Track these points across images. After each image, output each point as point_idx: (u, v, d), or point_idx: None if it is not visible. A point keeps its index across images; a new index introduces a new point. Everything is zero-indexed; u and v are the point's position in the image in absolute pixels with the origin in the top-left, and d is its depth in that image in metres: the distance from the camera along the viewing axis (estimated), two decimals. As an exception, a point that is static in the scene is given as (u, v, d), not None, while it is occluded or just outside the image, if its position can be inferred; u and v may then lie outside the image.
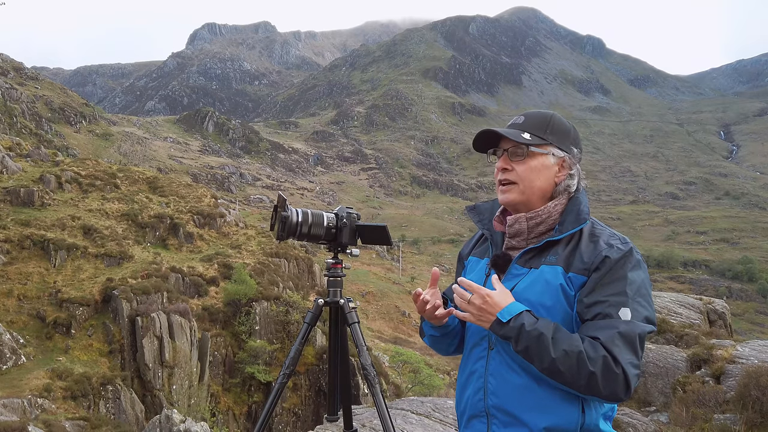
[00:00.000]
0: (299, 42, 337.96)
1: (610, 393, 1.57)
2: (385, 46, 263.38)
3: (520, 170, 1.82)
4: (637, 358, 1.59)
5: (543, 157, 1.83)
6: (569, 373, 1.58)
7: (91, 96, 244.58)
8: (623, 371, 1.56)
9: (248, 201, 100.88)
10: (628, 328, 1.60)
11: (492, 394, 1.77)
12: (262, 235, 34.00)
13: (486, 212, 2.01)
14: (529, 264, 1.79)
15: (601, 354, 1.56)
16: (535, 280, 1.75)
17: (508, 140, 1.85)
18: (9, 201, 28.13)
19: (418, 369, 29.46)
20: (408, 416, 5.89)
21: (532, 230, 1.83)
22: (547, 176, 1.83)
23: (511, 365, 1.73)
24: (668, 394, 8.07)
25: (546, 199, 1.85)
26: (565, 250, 1.76)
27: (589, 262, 1.71)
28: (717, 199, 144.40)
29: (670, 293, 16.00)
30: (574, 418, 1.67)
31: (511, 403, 1.73)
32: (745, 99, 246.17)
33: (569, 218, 1.80)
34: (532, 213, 1.83)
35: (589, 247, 1.74)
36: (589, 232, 1.78)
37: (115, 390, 19.80)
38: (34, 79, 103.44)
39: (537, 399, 1.69)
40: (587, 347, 1.58)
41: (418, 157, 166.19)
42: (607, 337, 1.58)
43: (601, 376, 1.55)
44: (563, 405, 1.67)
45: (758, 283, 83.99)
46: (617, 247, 1.71)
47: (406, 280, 68.31)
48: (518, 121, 1.87)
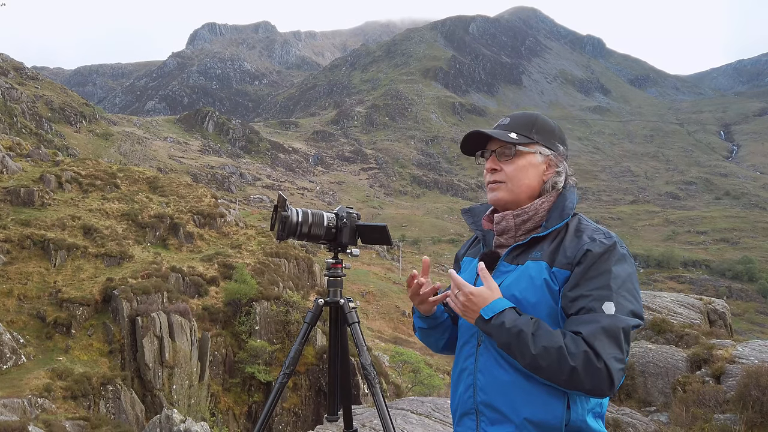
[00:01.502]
0: (299, 42, 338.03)
1: (593, 387, 1.57)
2: (385, 46, 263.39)
3: (509, 170, 1.85)
4: (621, 352, 1.58)
5: (530, 155, 1.85)
6: (550, 369, 1.58)
7: (92, 96, 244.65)
8: (605, 366, 1.55)
9: (248, 201, 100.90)
10: (612, 321, 1.59)
11: (480, 391, 1.79)
12: (262, 234, 34.00)
13: (480, 214, 2.03)
14: (517, 261, 1.81)
15: (582, 349, 1.56)
16: (520, 276, 1.77)
17: (495, 141, 1.88)
18: (9, 201, 28.14)
19: (418, 369, 29.47)
20: (408, 416, 5.89)
21: (519, 227, 1.85)
22: (535, 174, 1.86)
23: (499, 361, 1.74)
24: (668, 394, 8.07)
25: (534, 197, 1.87)
26: (550, 245, 1.77)
27: (571, 257, 1.71)
28: (717, 199, 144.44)
29: (670, 293, 16.00)
30: (559, 413, 1.67)
31: (498, 400, 1.74)
32: (746, 99, 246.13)
33: (554, 214, 1.82)
34: (519, 210, 1.85)
35: (573, 242, 1.75)
36: (574, 228, 1.79)
37: (115, 390, 19.81)
38: (35, 79, 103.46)
39: (523, 395, 1.70)
40: (568, 342, 1.58)
41: (418, 157, 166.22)
42: (589, 332, 1.58)
43: (582, 371, 1.55)
44: (548, 400, 1.67)
45: (758, 283, 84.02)
46: (600, 241, 1.71)
47: (406, 280, 68.23)
48: (504, 123, 1.90)
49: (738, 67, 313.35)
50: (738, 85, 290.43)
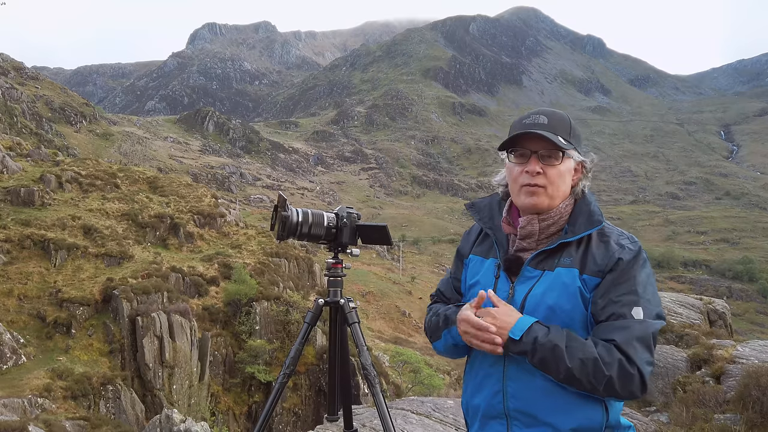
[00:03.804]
0: (299, 42, 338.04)
1: (628, 393, 1.60)
2: (386, 46, 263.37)
3: (551, 174, 1.77)
4: (651, 355, 1.63)
5: (569, 161, 1.80)
6: (586, 380, 1.60)
7: (92, 96, 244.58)
8: (639, 371, 1.59)
9: (248, 201, 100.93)
10: (643, 327, 1.63)
11: (512, 398, 1.75)
12: (262, 234, 34.00)
13: (485, 209, 1.98)
14: (542, 266, 1.77)
15: (616, 357, 1.58)
16: (553, 282, 1.74)
17: (540, 142, 1.77)
18: (9, 201, 28.14)
19: (418, 369, 29.47)
20: (408, 416, 5.89)
21: (543, 231, 1.81)
22: (569, 180, 1.81)
23: (531, 369, 1.70)
24: (668, 394, 8.07)
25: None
26: (578, 251, 1.75)
27: (602, 264, 1.71)
28: (717, 199, 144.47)
29: (670, 293, 16.00)
30: (599, 416, 1.69)
31: (533, 406, 1.72)
32: (746, 99, 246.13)
33: (581, 219, 1.79)
34: (545, 214, 1.80)
35: (600, 248, 1.74)
36: (598, 232, 1.78)
37: (115, 390, 19.81)
38: (35, 79, 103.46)
39: (561, 401, 1.68)
40: (602, 352, 1.60)
41: (419, 157, 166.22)
42: (623, 339, 1.60)
43: (617, 379, 1.58)
44: (588, 404, 1.68)
45: (758, 283, 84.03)
46: (628, 248, 1.72)
47: (407, 280, 68.33)
48: (541, 122, 1.78)
49: (738, 67, 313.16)
50: (738, 85, 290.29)
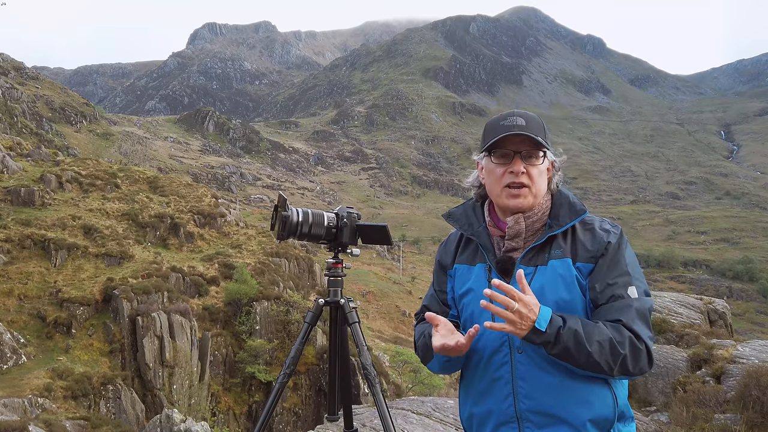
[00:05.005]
0: (299, 42, 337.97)
1: (638, 370, 1.66)
2: (386, 45, 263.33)
3: (534, 174, 1.82)
4: (651, 330, 1.70)
5: (546, 160, 1.86)
6: (605, 362, 1.63)
7: (92, 96, 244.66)
8: (646, 346, 1.65)
9: (248, 201, 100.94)
10: (640, 304, 1.70)
11: (525, 398, 1.76)
12: (262, 234, 34.01)
13: (462, 216, 2.00)
14: (534, 261, 1.81)
15: (626, 336, 1.64)
16: (549, 276, 1.77)
17: (525, 143, 1.81)
18: (9, 200, 28.15)
19: (419, 369, 29.40)
20: (408, 416, 5.89)
21: (529, 228, 1.85)
22: (546, 178, 1.88)
23: (543, 366, 1.73)
24: (668, 393, 8.07)
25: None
26: (566, 242, 1.81)
27: (594, 250, 1.78)
28: (717, 199, 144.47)
29: (670, 293, 16.00)
30: (610, 403, 1.73)
31: (547, 404, 1.73)
32: (746, 99, 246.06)
33: (562, 211, 1.85)
34: (529, 212, 1.85)
35: (587, 235, 1.81)
36: (581, 221, 1.85)
37: (115, 389, 19.82)
38: (35, 79, 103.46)
39: (573, 394, 1.72)
40: (613, 332, 1.64)
41: (419, 157, 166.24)
42: (627, 318, 1.67)
43: (630, 357, 1.63)
44: (599, 393, 1.72)
45: (759, 282, 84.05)
46: (613, 232, 1.81)
47: (407, 280, 68.33)
48: (521, 124, 1.81)
49: (738, 67, 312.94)
50: (738, 85, 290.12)
